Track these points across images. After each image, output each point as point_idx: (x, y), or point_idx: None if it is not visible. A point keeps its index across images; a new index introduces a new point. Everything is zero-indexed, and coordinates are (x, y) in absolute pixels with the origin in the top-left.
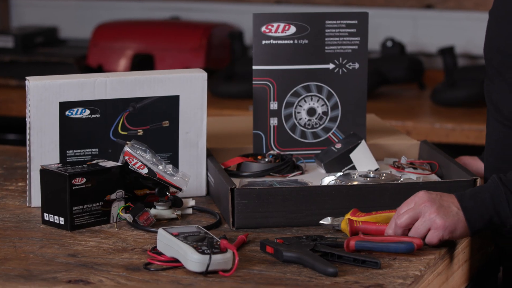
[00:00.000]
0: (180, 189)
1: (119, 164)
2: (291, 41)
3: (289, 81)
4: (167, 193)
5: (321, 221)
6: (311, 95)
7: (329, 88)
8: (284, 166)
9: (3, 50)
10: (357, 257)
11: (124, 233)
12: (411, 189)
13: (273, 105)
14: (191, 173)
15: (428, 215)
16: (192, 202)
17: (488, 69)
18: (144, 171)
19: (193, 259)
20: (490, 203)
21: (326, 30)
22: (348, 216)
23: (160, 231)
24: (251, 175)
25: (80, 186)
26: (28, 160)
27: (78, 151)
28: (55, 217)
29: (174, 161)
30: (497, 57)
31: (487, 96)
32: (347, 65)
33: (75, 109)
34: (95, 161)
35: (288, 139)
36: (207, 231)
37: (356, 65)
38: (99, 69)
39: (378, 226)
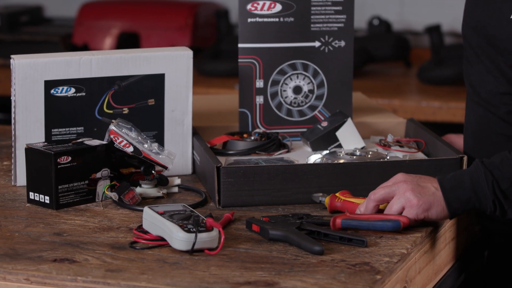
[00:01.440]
0: (165, 168)
1: (104, 142)
2: (277, 19)
3: (275, 59)
4: (153, 172)
5: (313, 195)
6: (297, 73)
7: (315, 66)
8: (270, 144)
9: None
10: (343, 235)
11: (109, 211)
12: (397, 167)
13: (259, 83)
14: (176, 152)
15: (403, 193)
16: (178, 181)
17: (466, 50)
18: (130, 149)
19: (178, 238)
20: (468, 184)
21: (312, 8)
22: (337, 194)
23: (146, 209)
24: (237, 154)
25: (65, 165)
26: (13, 139)
27: (64, 129)
28: (41, 196)
29: (159, 139)
30: (474, 38)
31: (465, 77)
32: (333, 43)
33: (60, 88)
34: (80, 140)
35: (274, 117)
36: (193, 210)
37: (342, 43)
38: (85, 47)
39: (355, 205)
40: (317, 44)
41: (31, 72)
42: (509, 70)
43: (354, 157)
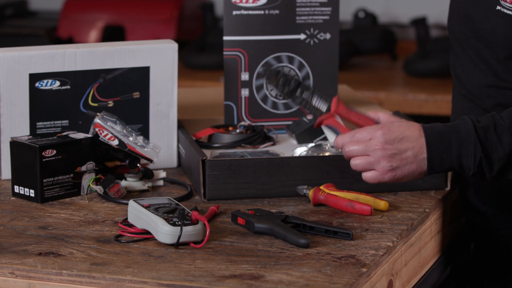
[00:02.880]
0: (151, 161)
1: (89, 135)
2: (262, 12)
3: (260, 52)
4: (138, 165)
5: (298, 187)
6: (283, 66)
7: (300, 59)
8: (256, 137)
9: None
10: (329, 228)
11: (94, 205)
12: None
13: (244, 76)
14: (162, 145)
15: (378, 159)
16: (163, 174)
17: (453, 43)
18: (115, 142)
19: (164, 231)
20: (455, 152)
21: (297, 1)
22: (321, 187)
23: (131, 203)
24: (222, 147)
25: (50, 158)
26: None
27: (48, 123)
28: (26, 189)
29: (145, 132)
30: (460, 30)
31: (452, 70)
32: (318, 36)
33: (45, 81)
34: (65, 133)
35: (259, 110)
36: (178, 203)
37: (328, 36)
38: (70, 41)
39: (337, 199)
40: (302, 36)
41: (16, 65)
42: (496, 62)
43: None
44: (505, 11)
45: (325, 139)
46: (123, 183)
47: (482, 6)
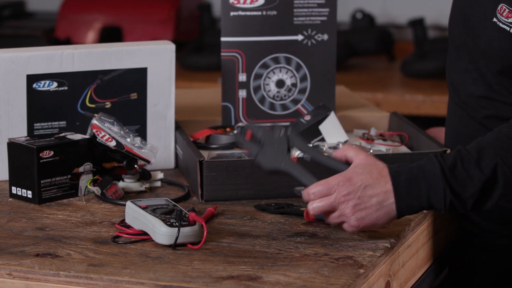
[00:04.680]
0: (148, 162)
1: (87, 137)
2: (260, 12)
3: (258, 53)
4: (135, 166)
5: (295, 188)
6: (280, 67)
7: (298, 60)
8: None
9: None
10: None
11: (92, 206)
12: (380, 160)
13: (242, 77)
14: (159, 146)
15: (343, 212)
16: (160, 175)
17: (451, 46)
18: (112, 143)
19: (161, 232)
20: (425, 197)
21: (295, 1)
22: None
23: (128, 204)
24: (219, 148)
25: (48, 159)
26: None
27: (46, 124)
28: (23, 190)
29: (142, 133)
30: (459, 34)
31: (447, 75)
32: (316, 37)
33: (43, 82)
34: (62, 134)
35: (257, 111)
36: (176, 204)
37: (325, 37)
38: (67, 42)
39: None
40: (300, 37)
41: (14, 66)
42: (488, 73)
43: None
44: (500, 25)
45: (323, 140)
46: (121, 184)
47: (480, 14)
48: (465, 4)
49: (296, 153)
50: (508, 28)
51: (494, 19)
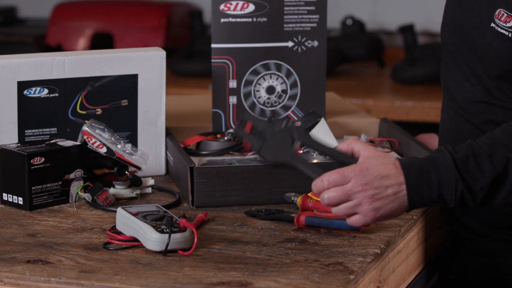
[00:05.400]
0: (139, 168)
1: (77, 143)
2: (250, 19)
3: (248, 59)
4: (126, 172)
5: (285, 194)
6: (270, 73)
7: (288, 66)
8: None
9: None
10: None
11: (83, 212)
12: None
13: (232, 84)
14: (150, 152)
15: (360, 201)
16: (151, 181)
17: (444, 53)
18: (103, 150)
19: (152, 238)
20: (436, 187)
21: (285, 8)
22: (309, 194)
23: (119, 210)
24: (210, 154)
25: (38, 166)
26: None
27: (37, 130)
28: (14, 197)
29: (133, 140)
30: (453, 41)
31: (442, 81)
32: (306, 43)
33: (34, 89)
34: (53, 141)
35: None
36: (166, 210)
37: (315, 43)
38: (58, 48)
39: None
40: (290, 44)
41: (4, 73)
42: (487, 78)
43: (328, 157)
44: (499, 29)
45: None
46: (112, 190)
47: (476, 20)
48: (458, 11)
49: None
50: (507, 33)
51: (492, 24)
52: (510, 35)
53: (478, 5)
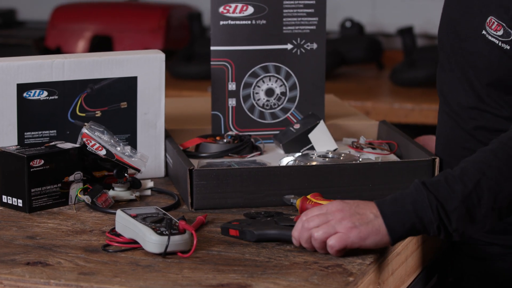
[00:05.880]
0: (138, 170)
1: (77, 145)
2: (249, 22)
3: (247, 62)
4: (126, 175)
5: (285, 197)
6: (270, 76)
7: (287, 69)
8: (243, 147)
9: None
10: None
11: (82, 214)
12: (369, 169)
13: (231, 86)
14: (149, 155)
15: (339, 220)
16: (150, 184)
17: (441, 55)
18: (102, 152)
19: (151, 240)
20: (411, 209)
21: (284, 11)
22: (308, 196)
23: (119, 212)
24: (209, 156)
25: (38, 168)
26: None
27: (36, 133)
28: (13, 199)
29: (132, 142)
30: (449, 44)
31: (438, 84)
32: (305, 46)
33: (33, 91)
34: (53, 143)
35: (246, 120)
36: (166, 212)
37: (314, 46)
38: (58, 50)
39: None
40: (289, 46)
41: (4, 75)
42: (478, 84)
43: (327, 159)
44: (490, 38)
45: (312, 148)
46: (111, 192)
47: (469, 25)
48: (454, 15)
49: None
50: (496, 41)
51: (483, 32)
52: (500, 43)
53: (472, 11)
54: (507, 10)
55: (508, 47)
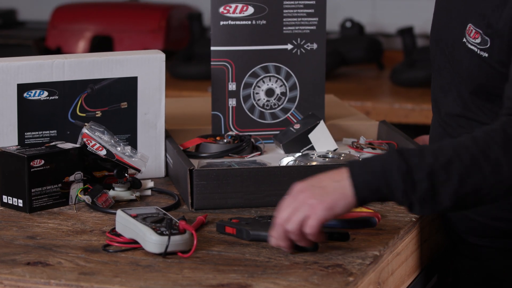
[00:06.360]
0: (138, 170)
1: (77, 145)
2: (249, 22)
3: (248, 62)
4: (126, 175)
5: (285, 196)
6: (270, 76)
7: (287, 69)
8: (243, 147)
9: None
10: (325, 231)
11: (82, 214)
12: None
13: (232, 86)
14: (149, 155)
15: (303, 201)
16: (151, 184)
17: (432, 64)
18: (103, 152)
19: (151, 240)
20: (379, 170)
21: (284, 11)
22: None
23: (119, 212)
24: (209, 156)
25: (38, 168)
26: None
27: (37, 133)
28: (14, 199)
29: (132, 142)
30: (438, 50)
31: (431, 91)
32: (305, 46)
33: (33, 91)
34: (53, 143)
35: (246, 120)
36: (166, 213)
37: (315, 46)
38: (58, 51)
39: None
40: (289, 46)
41: (4, 75)
42: (465, 92)
43: (327, 159)
44: (469, 45)
45: (312, 148)
46: (111, 193)
47: (452, 33)
48: (439, 24)
49: (290, 159)
50: (475, 49)
51: (464, 39)
52: (478, 51)
53: (454, 19)
54: (483, 17)
55: (486, 55)
